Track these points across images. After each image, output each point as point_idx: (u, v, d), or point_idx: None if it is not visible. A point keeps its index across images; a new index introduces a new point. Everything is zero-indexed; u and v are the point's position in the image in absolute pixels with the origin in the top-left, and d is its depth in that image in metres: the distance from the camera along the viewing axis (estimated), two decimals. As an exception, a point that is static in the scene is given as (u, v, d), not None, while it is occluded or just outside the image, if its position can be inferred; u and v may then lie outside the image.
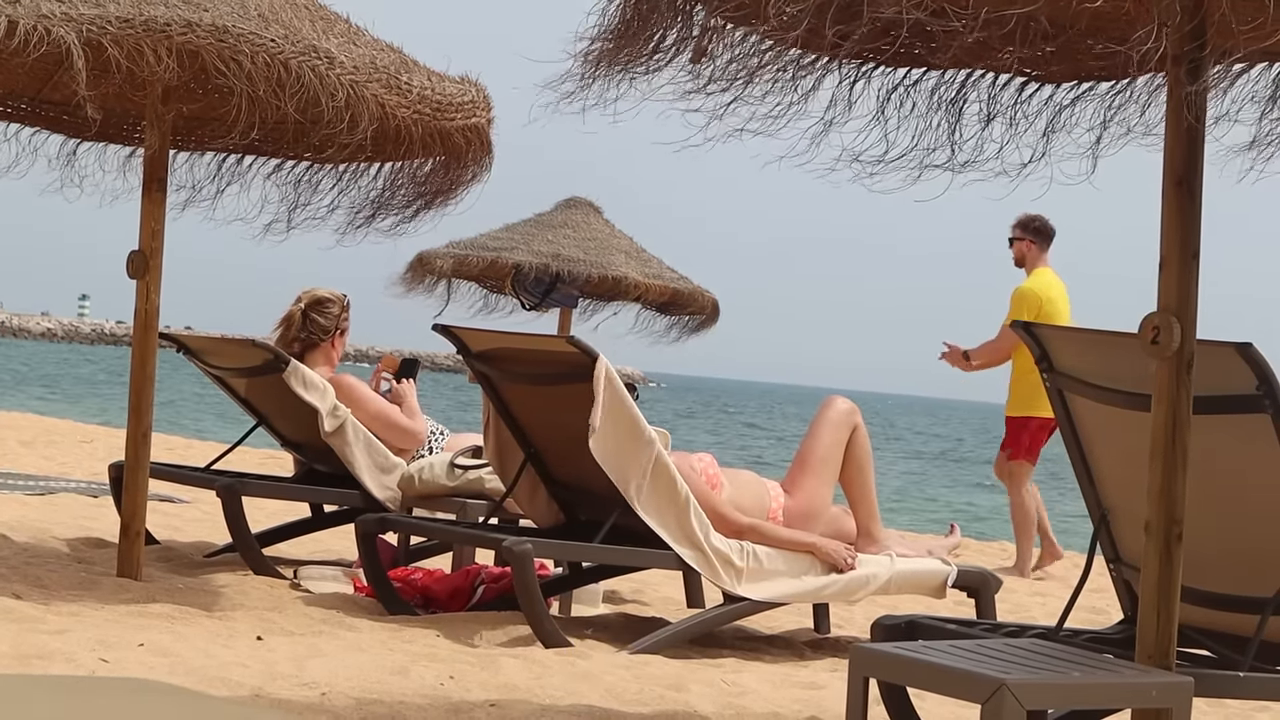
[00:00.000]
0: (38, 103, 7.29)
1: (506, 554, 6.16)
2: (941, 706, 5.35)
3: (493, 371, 6.76)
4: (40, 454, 14.17)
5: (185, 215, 7.48)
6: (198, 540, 8.58)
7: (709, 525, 6.43)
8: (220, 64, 6.00)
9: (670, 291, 14.63)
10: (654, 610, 7.56)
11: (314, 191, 7.35)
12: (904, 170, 4.41)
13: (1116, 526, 4.86)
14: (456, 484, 7.49)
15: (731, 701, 5.37)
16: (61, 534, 8.29)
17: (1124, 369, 4.50)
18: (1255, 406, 4.34)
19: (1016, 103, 4.56)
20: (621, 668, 5.76)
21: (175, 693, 4.03)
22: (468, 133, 6.80)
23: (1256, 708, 6.00)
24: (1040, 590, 9.77)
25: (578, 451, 6.48)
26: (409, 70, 6.54)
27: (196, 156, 7.58)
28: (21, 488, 10.56)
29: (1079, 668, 3.91)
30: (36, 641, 5.17)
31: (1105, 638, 4.90)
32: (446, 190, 7.27)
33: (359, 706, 4.74)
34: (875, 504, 6.89)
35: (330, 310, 8.05)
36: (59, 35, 5.77)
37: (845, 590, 6.62)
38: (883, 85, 4.51)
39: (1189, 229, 4.07)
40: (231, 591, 6.76)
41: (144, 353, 6.81)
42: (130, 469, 6.83)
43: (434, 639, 6.07)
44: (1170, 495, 4.08)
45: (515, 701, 5.03)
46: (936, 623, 4.66)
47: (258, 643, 5.61)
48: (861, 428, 6.83)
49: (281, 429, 8.18)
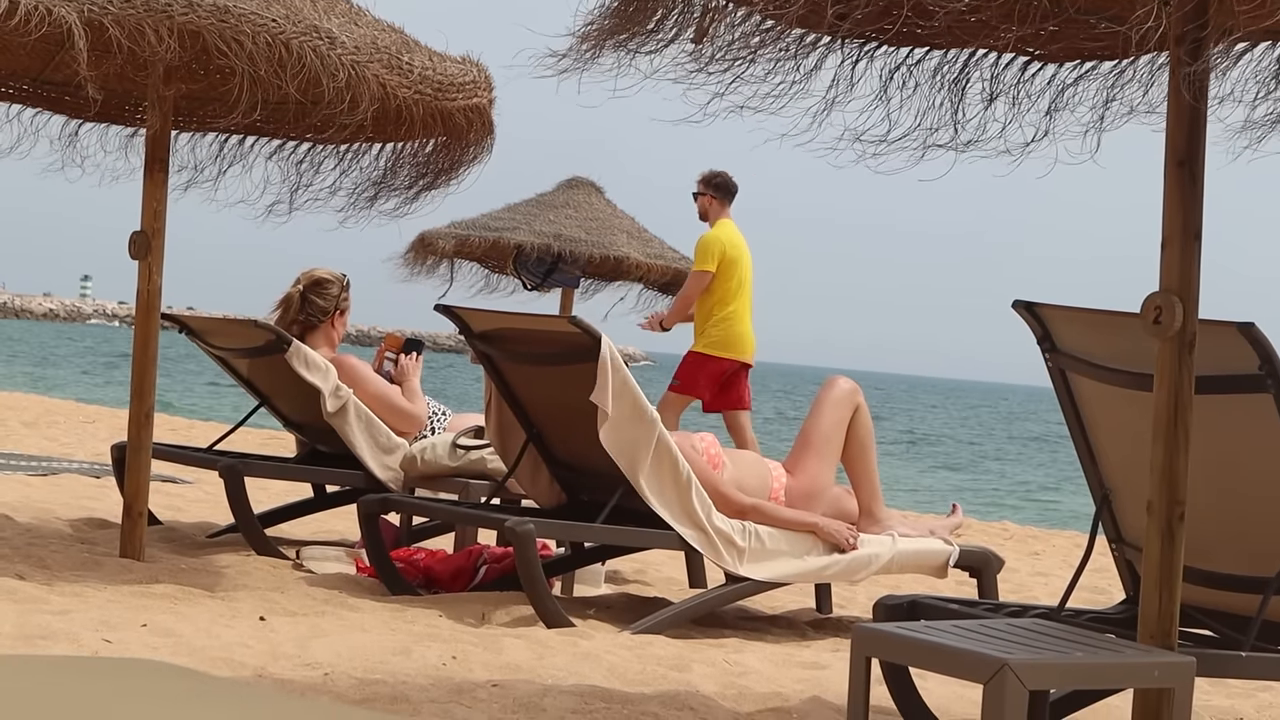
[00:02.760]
0: (39, 83, 7.29)
1: (509, 534, 6.16)
2: (944, 686, 5.35)
3: (495, 352, 6.77)
4: (42, 434, 14.18)
5: (187, 196, 7.49)
6: (200, 521, 8.59)
7: (711, 505, 6.43)
8: (221, 44, 5.99)
9: (672, 271, 14.62)
10: (656, 590, 7.57)
11: (316, 172, 7.35)
12: (907, 150, 4.40)
13: (1119, 507, 4.87)
14: (459, 464, 7.49)
15: (734, 681, 5.38)
16: (64, 515, 8.30)
17: (1126, 349, 4.49)
18: (1258, 386, 4.33)
19: (1019, 82, 4.55)
20: (624, 648, 5.76)
21: (178, 673, 4.04)
22: (469, 113, 6.79)
23: (1259, 687, 6.01)
24: (1042, 570, 9.78)
25: (580, 432, 6.48)
26: (410, 50, 6.53)
27: (198, 137, 7.57)
28: (24, 468, 10.57)
29: (1081, 648, 3.91)
30: (39, 622, 5.17)
31: (1108, 617, 4.91)
32: (448, 170, 7.27)
33: (361, 686, 4.74)
34: (877, 484, 6.89)
35: (329, 291, 8.05)
36: (60, 15, 5.76)
37: (847, 570, 6.62)
38: (885, 65, 4.50)
39: (1191, 209, 4.07)
40: (234, 572, 6.77)
41: (146, 333, 6.81)
42: (133, 449, 6.83)
43: (436, 619, 6.07)
44: (1172, 475, 4.08)
45: (518, 681, 5.04)
46: (939, 603, 4.66)
47: (260, 623, 5.62)
48: (864, 407, 6.83)
49: (284, 409, 8.18)
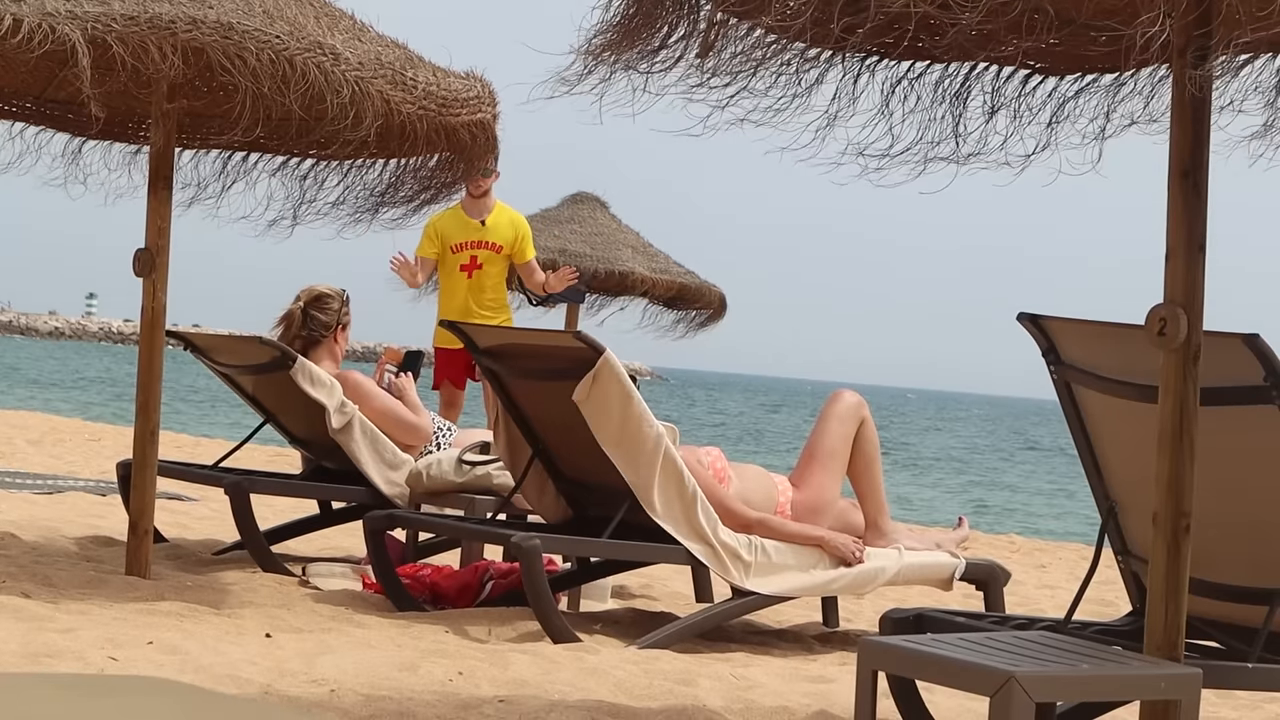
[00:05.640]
0: (42, 101, 7.29)
1: (515, 549, 6.16)
2: (950, 699, 5.34)
3: (500, 367, 6.77)
4: (48, 452, 14.19)
5: (191, 212, 7.49)
6: (206, 538, 8.59)
7: (717, 520, 6.43)
8: (225, 61, 6.00)
9: (677, 286, 14.63)
10: (662, 605, 7.56)
11: (319, 188, 7.35)
12: (909, 163, 4.41)
13: (1124, 518, 4.86)
14: (464, 480, 7.49)
15: (740, 695, 5.37)
16: (70, 532, 8.30)
17: (1131, 361, 4.49)
18: (1263, 398, 4.33)
19: (1020, 94, 4.56)
20: (630, 663, 5.76)
21: (184, 691, 4.03)
22: (473, 128, 6.80)
23: (1265, 698, 6.00)
24: (1049, 582, 9.77)
25: (586, 447, 6.48)
26: (414, 66, 6.54)
27: (202, 154, 7.58)
28: (29, 486, 10.57)
29: (1088, 660, 3.91)
30: (45, 640, 5.17)
31: (1114, 630, 4.90)
32: (452, 185, 7.27)
33: (368, 703, 4.74)
34: (883, 497, 6.89)
35: (330, 306, 8.06)
36: (64, 32, 5.77)
37: (854, 584, 6.62)
38: (887, 78, 4.50)
39: (1195, 221, 4.07)
40: (240, 589, 6.77)
41: (151, 351, 6.81)
42: (138, 467, 6.83)
43: (443, 635, 6.07)
44: (1178, 487, 4.08)
45: (524, 697, 5.03)
46: (945, 616, 4.66)
47: (266, 640, 5.62)
48: (869, 421, 6.83)
49: (289, 426, 8.18)
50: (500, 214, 10.38)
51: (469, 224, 10.34)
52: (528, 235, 10.50)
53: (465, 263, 10.33)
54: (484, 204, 10.35)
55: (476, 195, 10.27)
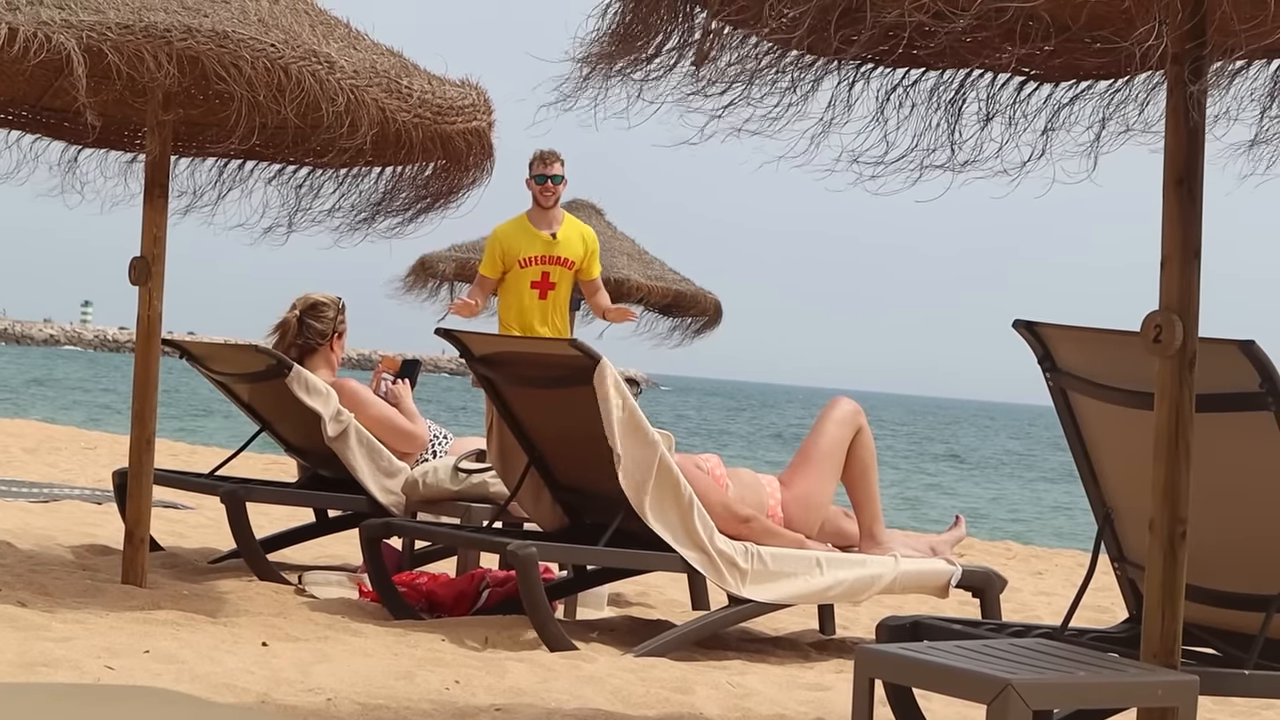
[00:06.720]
0: (38, 110, 7.29)
1: (511, 558, 6.16)
2: (947, 707, 5.34)
3: (495, 375, 6.76)
4: (44, 461, 14.18)
5: (186, 220, 7.49)
6: (202, 546, 8.58)
7: (713, 527, 6.43)
8: (220, 69, 6.00)
9: (673, 293, 14.64)
10: (659, 613, 7.56)
11: (315, 196, 7.36)
12: (904, 171, 4.41)
13: (1121, 525, 4.86)
14: (460, 488, 7.49)
15: (737, 703, 5.37)
16: (66, 541, 8.29)
17: (1127, 368, 4.50)
18: (1258, 404, 4.33)
19: (1015, 102, 4.56)
20: (627, 670, 5.76)
21: (181, 699, 4.04)
22: (469, 136, 6.80)
23: (1262, 705, 6.00)
24: (1045, 589, 9.77)
25: (581, 454, 6.48)
26: (409, 74, 6.54)
27: (197, 162, 7.58)
28: (25, 495, 10.57)
29: (1084, 667, 3.91)
30: (42, 649, 5.16)
31: (1111, 637, 4.90)
32: (448, 193, 7.27)
33: (364, 712, 4.73)
34: (879, 506, 6.89)
35: (325, 314, 8.06)
36: (59, 42, 5.77)
37: (850, 591, 6.62)
38: (881, 86, 4.51)
39: (1190, 228, 4.07)
40: (236, 598, 6.76)
41: (146, 359, 6.81)
42: (134, 475, 6.83)
43: (439, 643, 6.07)
44: (1174, 494, 4.08)
45: (521, 705, 5.03)
46: (941, 623, 4.65)
47: (263, 649, 5.61)
48: (866, 429, 6.84)
49: (285, 434, 8.18)
50: (570, 226, 9.47)
51: (538, 236, 9.34)
52: (597, 250, 9.62)
53: (536, 279, 9.31)
54: (554, 215, 9.43)
55: (546, 205, 9.37)
